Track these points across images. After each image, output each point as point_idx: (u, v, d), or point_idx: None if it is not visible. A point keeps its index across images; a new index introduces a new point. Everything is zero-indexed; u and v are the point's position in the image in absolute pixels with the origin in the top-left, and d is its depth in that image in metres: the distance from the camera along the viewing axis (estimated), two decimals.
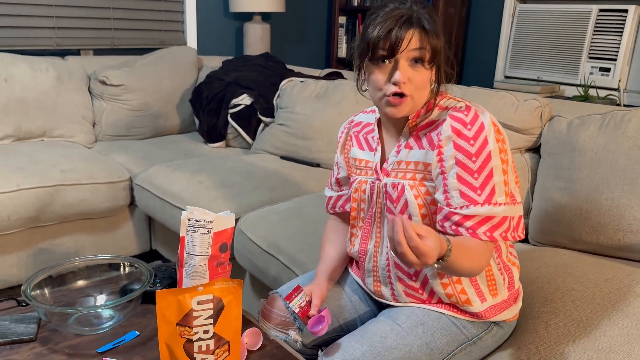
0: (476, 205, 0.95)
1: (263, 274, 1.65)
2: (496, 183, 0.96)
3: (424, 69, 0.97)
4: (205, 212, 1.05)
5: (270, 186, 1.96)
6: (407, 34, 0.95)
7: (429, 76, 0.98)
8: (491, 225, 0.96)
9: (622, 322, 1.08)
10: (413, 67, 0.97)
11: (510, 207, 0.98)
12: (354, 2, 3.68)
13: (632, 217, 1.30)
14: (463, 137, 0.96)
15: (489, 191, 0.95)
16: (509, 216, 0.97)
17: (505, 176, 0.97)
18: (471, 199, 0.96)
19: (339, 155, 1.23)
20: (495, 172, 0.95)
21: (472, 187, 0.96)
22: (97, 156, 2.26)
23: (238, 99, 2.57)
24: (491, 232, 0.96)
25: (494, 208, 0.95)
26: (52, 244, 2.11)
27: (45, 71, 2.45)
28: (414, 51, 0.96)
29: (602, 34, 2.76)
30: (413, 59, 0.96)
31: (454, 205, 0.97)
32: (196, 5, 3.22)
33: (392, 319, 1.07)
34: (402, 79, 0.96)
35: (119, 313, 1.09)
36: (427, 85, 0.99)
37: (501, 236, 0.97)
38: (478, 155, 0.95)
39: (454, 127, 0.97)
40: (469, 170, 0.96)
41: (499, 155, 0.96)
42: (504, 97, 1.68)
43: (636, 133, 1.34)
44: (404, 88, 0.97)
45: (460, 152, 0.96)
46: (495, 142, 0.96)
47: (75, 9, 2.77)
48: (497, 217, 0.96)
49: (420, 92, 0.99)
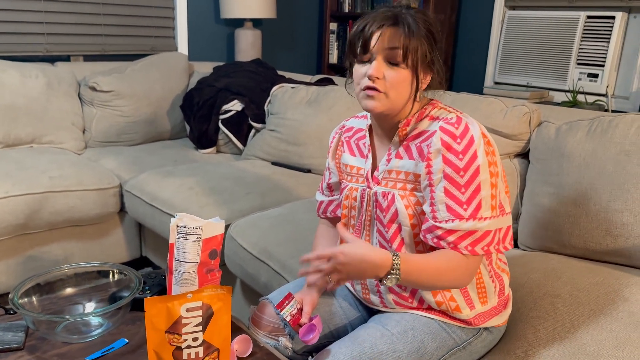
0: (461, 220, 0.96)
1: (254, 280, 1.65)
2: (483, 197, 0.96)
3: (401, 69, 0.98)
4: (195, 219, 1.05)
5: (261, 192, 1.96)
6: (383, 31, 0.97)
7: (406, 76, 0.98)
8: (473, 240, 0.96)
9: (610, 326, 1.09)
10: (390, 66, 0.98)
11: (496, 220, 0.98)
12: (344, 9, 3.70)
13: (620, 222, 1.31)
14: (452, 151, 0.96)
15: (475, 206, 0.96)
16: (493, 230, 0.98)
17: (493, 189, 0.97)
18: (457, 214, 0.96)
19: (330, 161, 1.23)
20: (483, 187, 0.96)
21: (459, 201, 0.96)
22: (86, 162, 2.25)
23: (229, 105, 2.57)
24: (472, 246, 0.96)
25: (478, 223, 0.96)
26: (41, 252, 2.10)
27: (35, 77, 2.44)
28: (390, 50, 0.97)
29: (590, 41, 2.80)
30: (390, 58, 0.98)
31: (440, 219, 0.97)
32: (187, 11, 3.22)
33: (382, 325, 1.07)
34: (374, 73, 0.97)
35: (107, 321, 1.08)
36: (403, 86, 0.99)
37: (483, 250, 0.97)
38: (466, 170, 0.95)
39: (444, 140, 0.97)
40: (457, 185, 0.96)
41: (488, 168, 0.97)
42: (493, 103, 1.69)
43: (623, 138, 1.36)
44: (377, 83, 0.98)
45: (448, 165, 0.96)
46: (485, 155, 0.96)
47: (65, 15, 2.76)
48: (480, 231, 0.96)
49: (396, 91, 0.99)
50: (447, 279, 0.97)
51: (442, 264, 0.96)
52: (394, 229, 1.05)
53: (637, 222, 1.29)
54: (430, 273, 0.95)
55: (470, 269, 0.98)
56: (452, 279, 0.97)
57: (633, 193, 1.30)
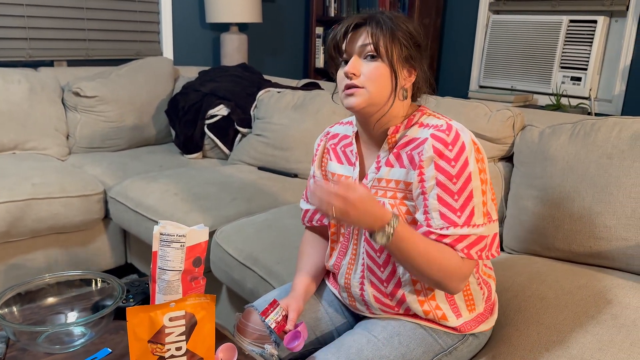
0: (456, 227, 0.96)
1: (240, 287, 1.64)
2: (475, 205, 0.96)
3: (378, 62, 0.99)
4: (179, 226, 1.04)
5: (247, 197, 1.95)
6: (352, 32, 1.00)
7: (384, 70, 0.99)
8: (468, 243, 0.96)
9: (594, 329, 1.09)
10: (367, 62, 0.99)
11: (486, 226, 0.98)
12: (330, 13, 3.71)
13: (603, 224, 1.33)
14: (444, 159, 0.96)
15: (469, 213, 0.96)
16: (486, 235, 0.98)
17: (484, 197, 0.98)
18: (451, 221, 0.96)
19: (316, 170, 1.21)
20: (475, 194, 0.96)
21: (452, 208, 0.96)
22: (70, 169, 2.23)
23: (215, 110, 2.56)
24: (468, 249, 0.96)
25: (473, 229, 0.96)
26: (24, 259, 2.07)
27: (18, 83, 2.41)
28: (365, 46, 0.99)
29: (572, 44, 2.83)
30: (366, 55, 0.99)
31: (434, 227, 0.97)
32: (172, 15, 3.21)
33: (368, 331, 1.07)
34: (350, 69, 0.99)
35: (90, 330, 1.06)
36: (382, 80, 0.99)
37: (477, 254, 0.97)
38: (459, 177, 0.96)
39: (436, 148, 0.97)
40: (449, 192, 0.96)
41: (479, 175, 0.97)
42: (477, 107, 1.70)
43: (605, 142, 1.37)
44: (354, 79, 0.99)
45: (441, 173, 0.96)
46: (476, 162, 0.97)
47: (48, 20, 2.74)
48: (474, 236, 0.97)
49: (376, 86, 0.99)
50: (436, 268, 0.94)
51: (436, 250, 0.95)
52: None
53: (619, 224, 1.30)
54: (421, 251, 0.93)
55: (464, 273, 0.97)
56: (442, 270, 0.94)
57: (615, 196, 1.31)
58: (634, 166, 1.31)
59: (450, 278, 0.96)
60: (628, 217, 1.29)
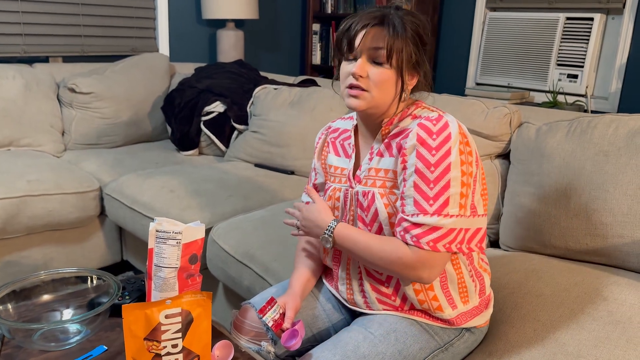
0: (425, 215, 0.96)
1: (236, 284, 1.63)
2: (451, 195, 0.96)
3: (385, 69, 0.98)
4: (175, 223, 1.04)
5: (243, 194, 1.95)
6: (367, 30, 0.98)
7: (390, 76, 0.99)
8: (437, 236, 0.96)
9: (590, 325, 1.10)
10: (375, 65, 0.99)
11: (463, 219, 0.98)
12: (327, 9, 3.70)
13: (599, 221, 1.33)
14: (426, 147, 0.97)
15: (442, 202, 0.96)
16: (458, 228, 0.98)
17: (464, 188, 0.97)
18: (422, 209, 0.96)
19: (317, 162, 1.23)
20: (453, 184, 0.96)
21: (426, 196, 0.96)
22: (66, 165, 2.22)
23: (211, 106, 2.55)
24: (435, 242, 0.96)
25: (443, 219, 0.96)
26: (19, 257, 2.06)
27: (12, 79, 2.39)
28: (375, 50, 0.98)
29: (569, 42, 2.83)
30: (375, 57, 0.98)
31: (407, 213, 0.98)
32: (168, 11, 3.19)
33: (365, 327, 1.07)
34: (357, 71, 0.98)
35: (86, 327, 1.06)
36: (387, 85, 0.99)
37: (445, 247, 0.97)
38: (437, 166, 0.96)
39: (419, 136, 0.97)
40: (426, 180, 0.96)
41: (461, 167, 0.97)
42: (474, 105, 1.70)
43: (601, 139, 1.37)
44: (360, 81, 0.99)
45: (420, 160, 0.97)
46: (459, 153, 0.96)
47: (43, 16, 2.72)
48: (444, 228, 0.96)
49: (380, 90, 0.99)
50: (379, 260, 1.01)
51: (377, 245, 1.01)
52: (375, 228, 1.06)
53: (615, 221, 1.31)
54: (362, 247, 1.03)
55: (418, 264, 0.97)
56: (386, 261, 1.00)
57: (611, 193, 1.31)
58: (630, 164, 1.31)
59: (397, 266, 0.99)
60: (624, 214, 1.29)
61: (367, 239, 1.03)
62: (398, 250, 0.99)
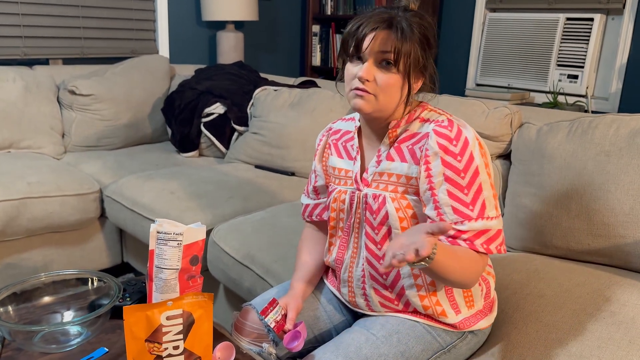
0: (470, 221, 0.96)
1: (237, 286, 1.63)
2: (486, 197, 0.96)
3: (392, 73, 0.97)
4: (175, 224, 1.03)
5: (244, 196, 1.95)
6: (375, 34, 0.96)
7: (397, 80, 0.98)
8: (487, 238, 0.96)
9: (593, 326, 1.09)
10: (381, 68, 0.97)
11: (499, 220, 0.99)
12: (327, 11, 3.70)
13: (601, 222, 1.32)
14: (450, 154, 0.96)
15: (480, 206, 0.96)
16: (500, 228, 0.98)
17: (493, 190, 0.98)
18: (465, 215, 0.96)
19: (317, 164, 1.22)
20: (484, 187, 0.96)
21: (464, 202, 0.96)
22: (66, 167, 2.21)
23: (211, 108, 2.54)
24: (487, 244, 0.96)
25: (488, 222, 0.96)
26: (19, 259, 2.05)
27: (12, 81, 2.39)
28: (383, 53, 0.96)
29: (569, 42, 2.83)
30: (382, 61, 0.97)
31: (449, 221, 0.97)
32: (168, 13, 3.19)
33: (367, 329, 1.06)
34: (364, 75, 0.97)
35: (87, 329, 1.05)
36: (393, 89, 0.98)
37: (496, 249, 0.97)
38: (466, 171, 0.96)
39: (440, 144, 0.96)
40: (459, 186, 0.96)
41: (485, 169, 0.97)
42: (474, 105, 1.70)
43: (602, 139, 1.37)
44: (366, 85, 0.98)
45: (448, 168, 0.96)
46: (481, 156, 0.97)
47: (43, 18, 2.72)
48: (493, 230, 0.97)
49: (385, 95, 0.98)
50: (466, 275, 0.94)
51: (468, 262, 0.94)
52: (383, 232, 1.05)
53: (617, 222, 1.30)
54: (457, 269, 0.92)
55: (479, 266, 0.97)
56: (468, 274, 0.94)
57: (613, 193, 1.31)
58: (631, 163, 1.31)
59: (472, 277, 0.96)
60: (626, 214, 1.29)
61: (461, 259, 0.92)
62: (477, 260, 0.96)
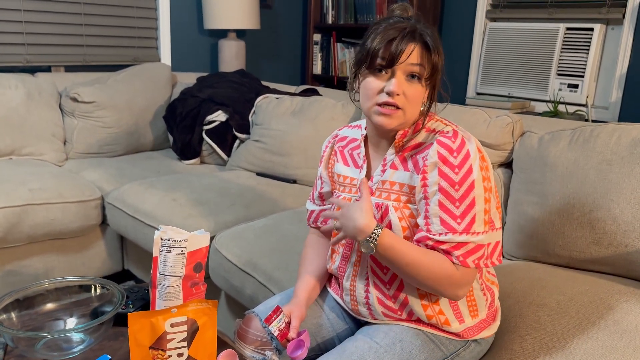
0: (454, 234, 0.96)
1: (239, 293, 1.63)
2: (477, 212, 0.96)
3: (419, 85, 0.98)
4: (179, 231, 1.03)
5: (245, 203, 1.95)
6: (409, 47, 0.96)
7: (422, 93, 0.99)
8: (465, 251, 0.96)
9: (596, 334, 1.09)
10: (409, 82, 0.97)
11: (487, 235, 0.98)
12: (328, 20, 3.72)
13: (603, 230, 1.33)
14: (448, 165, 0.96)
15: (469, 220, 0.96)
16: (485, 244, 0.98)
17: (487, 204, 0.98)
18: (450, 227, 0.96)
19: (323, 170, 1.22)
20: (477, 202, 0.96)
21: (453, 215, 0.96)
22: (67, 174, 2.21)
23: (213, 116, 2.55)
24: (465, 257, 0.96)
25: (472, 237, 0.96)
26: (20, 266, 2.05)
27: (15, 88, 2.40)
28: (413, 66, 0.96)
29: (569, 52, 2.84)
30: (410, 74, 0.97)
31: (433, 232, 0.97)
32: (170, 21, 3.21)
33: (370, 337, 1.06)
34: (396, 89, 0.96)
35: (89, 337, 1.05)
36: (419, 101, 0.99)
37: (474, 263, 0.97)
38: (461, 184, 0.95)
39: (441, 154, 0.97)
40: (451, 198, 0.96)
41: (482, 183, 0.97)
42: (476, 114, 1.70)
43: (604, 148, 1.38)
44: (397, 99, 0.97)
45: (444, 179, 0.96)
46: (480, 170, 0.97)
47: (46, 25, 2.73)
48: (473, 244, 0.96)
49: (412, 108, 0.99)
50: (426, 275, 0.96)
51: (426, 259, 0.96)
52: None
53: (619, 230, 1.31)
54: (409, 260, 0.96)
55: (461, 281, 0.97)
56: (432, 278, 0.96)
57: (615, 202, 1.31)
58: (633, 172, 1.31)
59: (443, 285, 0.97)
60: (628, 223, 1.29)
61: (416, 253, 0.96)
62: (448, 268, 0.96)
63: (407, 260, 0.96)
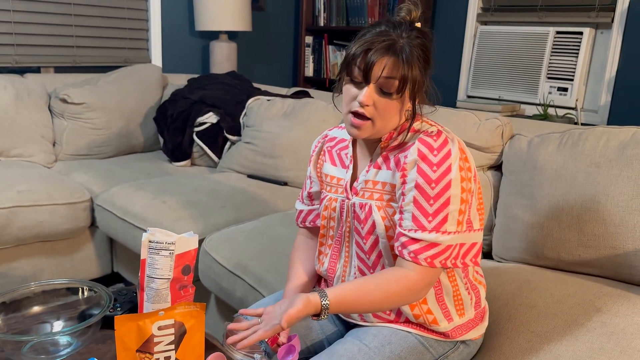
0: (424, 232, 0.96)
1: (229, 296, 1.62)
2: (450, 212, 0.96)
3: (393, 99, 0.97)
4: (168, 234, 1.03)
5: (236, 205, 1.94)
6: (381, 61, 0.95)
7: (396, 106, 0.98)
8: (434, 253, 0.97)
9: (584, 336, 1.10)
10: (382, 94, 0.97)
11: (460, 235, 0.98)
12: (320, 23, 3.72)
13: (591, 233, 1.34)
14: (427, 162, 0.97)
15: (441, 219, 0.96)
16: (454, 244, 0.98)
17: (463, 205, 0.98)
18: (420, 224, 0.96)
19: (312, 170, 1.23)
20: (452, 201, 0.96)
21: (425, 212, 0.96)
22: (56, 176, 2.20)
23: (204, 117, 2.54)
24: (432, 258, 0.97)
25: (441, 236, 0.96)
26: (8, 268, 2.03)
27: (3, 89, 2.38)
28: (384, 79, 0.96)
29: (559, 55, 2.86)
30: (385, 87, 0.97)
31: (404, 227, 0.98)
32: (161, 22, 3.20)
33: (359, 339, 1.06)
34: (365, 100, 0.97)
35: (77, 340, 1.04)
36: (392, 114, 0.99)
37: (441, 263, 0.97)
38: (438, 182, 0.96)
39: (421, 151, 0.97)
40: (426, 196, 0.96)
41: (461, 184, 0.97)
42: (466, 117, 1.71)
43: (593, 151, 1.39)
44: (365, 110, 0.98)
45: (421, 176, 0.97)
46: (459, 170, 0.97)
47: (35, 26, 2.71)
48: (442, 245, 0.97)
49: (384, 120, 0.99)
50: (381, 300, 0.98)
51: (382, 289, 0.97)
52: (371, 241, 1.05)
53: (607, 233, 1.31)
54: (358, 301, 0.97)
55: (418, 286, 0.98)
56: (387, 299, 0.98)
57: (603, 204, 1.32)
58: (621, 175, 1.32)
59: (401, 298, 0.98)
60: (616, 225, 1.30)
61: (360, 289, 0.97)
62: (403, 280, 0.97)
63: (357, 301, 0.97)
